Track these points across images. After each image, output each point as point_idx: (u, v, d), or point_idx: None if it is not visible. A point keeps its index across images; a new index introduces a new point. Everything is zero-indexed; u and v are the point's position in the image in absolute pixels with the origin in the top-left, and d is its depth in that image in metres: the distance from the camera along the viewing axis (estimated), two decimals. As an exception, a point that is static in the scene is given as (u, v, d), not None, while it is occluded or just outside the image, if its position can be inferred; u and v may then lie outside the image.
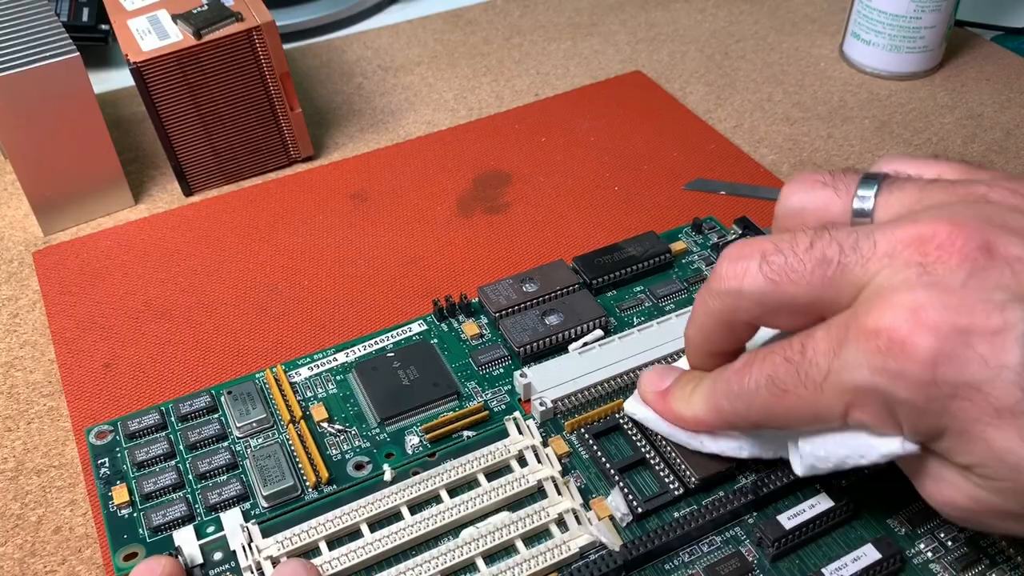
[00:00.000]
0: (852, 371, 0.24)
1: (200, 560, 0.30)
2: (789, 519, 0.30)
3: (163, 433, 0.34)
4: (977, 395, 0.23)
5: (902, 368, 0.23)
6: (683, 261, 0.41)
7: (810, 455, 0.28)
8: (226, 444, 0.34)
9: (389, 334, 0.38)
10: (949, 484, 0.25)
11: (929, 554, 0.30)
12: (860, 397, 0.25)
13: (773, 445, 0.31)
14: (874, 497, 0.32)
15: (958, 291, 0.23)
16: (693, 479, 0.31)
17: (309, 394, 0.36)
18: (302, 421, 0.34)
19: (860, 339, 0.24)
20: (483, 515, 0.31)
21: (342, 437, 0.34)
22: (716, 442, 0.31)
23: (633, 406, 0.33)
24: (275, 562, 0.29)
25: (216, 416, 0.35)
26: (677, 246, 0.42)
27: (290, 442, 0.34)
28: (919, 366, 0.23)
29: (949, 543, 0.30)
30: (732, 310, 0.28)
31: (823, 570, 0.29)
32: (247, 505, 0.32)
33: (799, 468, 0.29)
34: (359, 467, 0.33)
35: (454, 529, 0.31)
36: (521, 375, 0.35)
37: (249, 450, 0.34)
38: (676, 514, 0.31)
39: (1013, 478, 0.23)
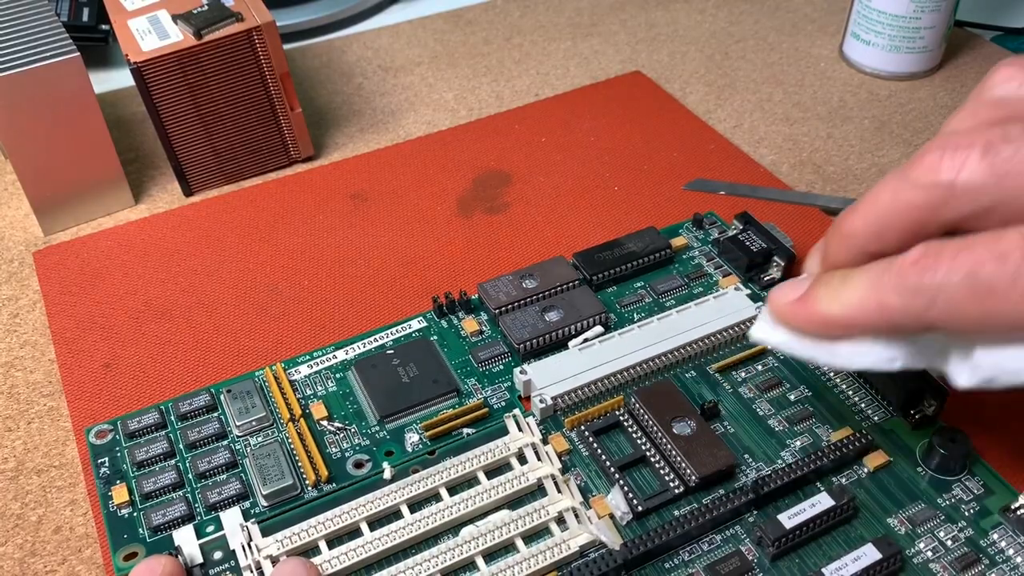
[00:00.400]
0: None
1: (200, 559, 0.30)
2: (789, 518, 0.30)
3: (163, 432, 0.34)
4: None
5: None
6: (684, 257, 0.41)
7: (992, 366, 0.24)
8: (226, 443, 0.34)
9: (388, 331, 0.38)
10: None
11: (929, 554, 0.30)
12: None
13: (932, 352, 0.26)
14: (874, 496, 0.32)
15: None
16: (693, 477, 0.31)
17: (309, 392, 0.36)
18: (301, 419, 0.34)
19: None
20: (483, 513, 0.31)
21: (342, 435, 0.34)
22: (861, 353, 0.27)
23: (760, 330, 0.28)
24: (275, 561, 0.29)
25: (216, 415, 0.35)
26: (678, 241, 0.42)
27: (290, 440, 0.34)
28: None
29: (949, 543, 0.30)
30: (937, 206, 0.24)
31: (823, 569, 0.29)
32: (247, 504, 0.32)
33: (969, 379, 0.25)
34: (359, 465, 0.33)
35: (454, 527, 0.31)
36: (521, 372, 0.35)
37: (249, 449, 0.34)
38: (676, 512, 0.31)
39: None
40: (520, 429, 0.33)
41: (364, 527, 0.31)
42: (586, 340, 0.36)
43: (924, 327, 0.25)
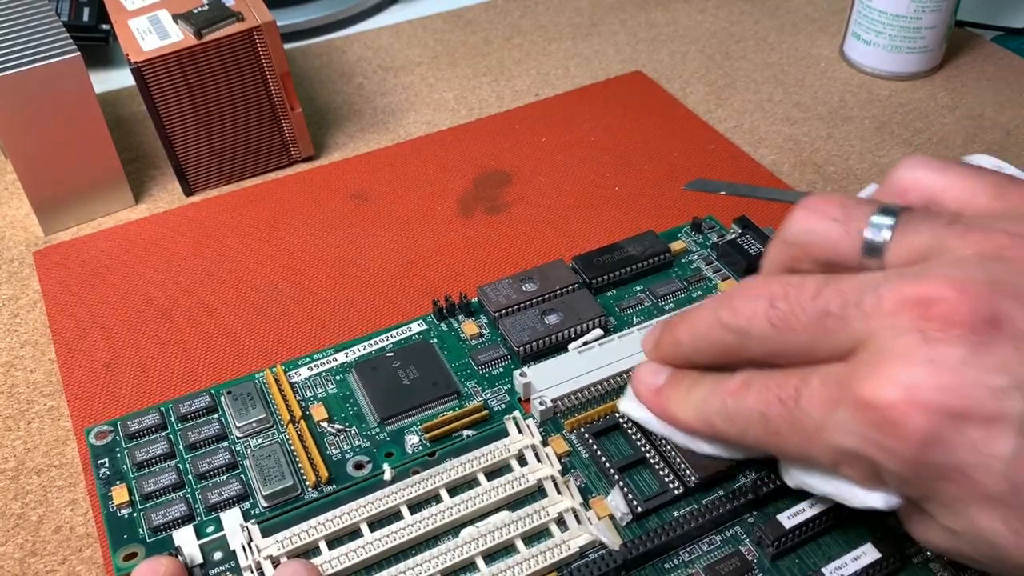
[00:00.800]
0: (843, 435, 0.24)
1: (200, 560, 0.30)
2: (789, 518, 0.30)
3: (163, 433, 0.34)
4: (964, 479, 0.23)
5: (892, 445, 0.23)
6: (683, 260, 0.41)
7: (799, 479, 0.28)
8: (226, 444, 0.34)
9: (389, 334, 0.38)
10: (932, 531, 0.25)
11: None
12: (848, 459, 0.25)
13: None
14: (874, 497, 0.32)
15: (957, 369, 0.23)
16: (693, 478, 0.31)
17: (309, 394, 0.36)
18: (302, 421, 0.34)
19: (853, 407, 0.24)
20: (483, 514, 0.31)
21: (342, 437, 0.34)
22: (712, 445, 0.31)
23: (627, 405, 0.32)
24: (275, 562, 0.29)
25: (216, 416, 0.35)
26: (676, 245, 0.42)
27: (290, 442, 0.34)
28: (909, 446, 0.23)
29: (949, 543, 0.30)
30: (737, 347, 0.27)
31: (823, 569, 0.29)
32: (247, 505, 0.32)
33: (789, 482, 0.29)
34: (359, 467, 0.33)
35: (454, 528, 0.31)
36: (521, 374, 0.35)
37: (249, 450, 0.34)
38: (676, 513, 0.31)
39: (992, 554, 0.24)
40: (520, 431, 0.33)
41: (364, 528, 0.31)
42: (586, 343, 0.36)
43: (747, 447, 0.29)
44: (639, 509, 0.31)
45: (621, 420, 0.34)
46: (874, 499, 0.26)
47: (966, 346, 0.23)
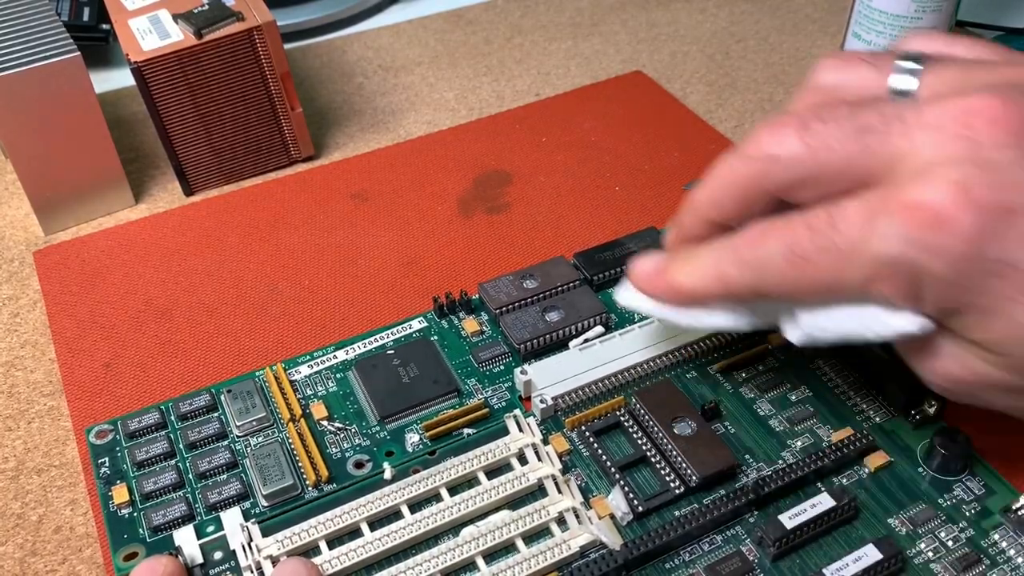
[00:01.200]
0: (886, 242, 0.24)
1: (200, 560, 0.30)
2: (790, 518, 0.30)
3: (163, 432, 0.34)
4: (1014, 273, 0.23)
5: (943, 243, 0.23)
6: (684, 260, 0.41)
7: (811, 325, 0.28)
8: (226, 443, 0.34)
9: (389, 331, 0.38)
10: (951, 358, 0.26)
11: (930, 554, 0.30)
12: (888, 269, 0.25)
13: (771, 314, 0.30)
14: (875, 496, 0.32)
15: (1008, 169, 0.23)
16: (694, 477, 0.31)
17: (309, 392, 0.36)
18: (302, 419, 0.34)
19: (900, 211, 0.24)
20: (483, 513, 0.31)
21: (342, 435, 0.34)
22: (712, 316, 0.30)
23: (624, 295, 0.32)
24: (275, 561, 0.29)
25: (216, 415, 0.35)
26: (678, 245, 0.41)
27: (290, 441, 0.34)
28: (961, 242, 0.23)
29: (950, 543, 0.30)
30: (761, 176, 0.27)
31: (824, 570, 0.29)
32: (247, 504, 0.32)
33: (794, 337, 0.29)
34: (359, 465, 0.33)
35: (454, 528, 0.31)
36: (522, 372, 0.35)
37: (249, 449, 0.34)
38: (677, 513, 0.31)
39: None
40: (520, 429, 0.33)
41: (364, 527, 0.31)
42: (587, 340, 0.36)
43: (759, 295, 0.28)
44: (640, 508, 0.31)
45: (622, 418, 0.34)
46: (905, 322, 0.25)
47: (1015, 148, 0.23)
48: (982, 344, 0.25)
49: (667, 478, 0.32)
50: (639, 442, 0.33)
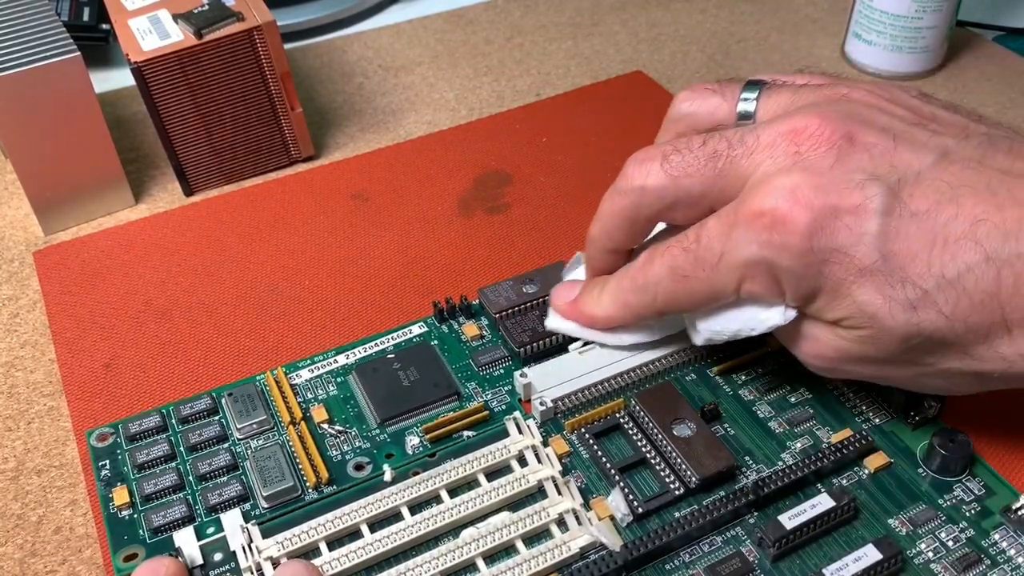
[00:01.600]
0: (743, 248, 0.29)
1: (200, 561, 0.30)
2: (790, 519, 0.30)
3: (164, 435, 0.34)
4: (844, 258, 0.28)
5: (784, 240, 0.28)
6: (684, 261, 0.41)
7: (706, 329, 0.32)
8: (226, 445, 0.34)
9: (389, 336, 0.38)
10: (818, 340, 0.30)
11: (930, 554, 0.30)
12: (750, 270, 0.29)
13: (677, 324, 0.35)
14: (875, 497, 0.32)
15: (827, 173, 0.28)
16: (694, 479, 0.31)
17: (309, 396, 0.36)
18: (302, 422, 0.34)
19: (748, 220, 0.28)
20: (483, 515, 0.31)
21: (342, 438, 0.34)
22: (630, 334, 0.35)
23: (552, 321, 0.36)
24: (275, 563, 0.29)
25: (217, 418, 0.35)
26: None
27: (290, 443, 0.34)
28: (798, 237, 0.28)
29: (950, 543, 0.30)
30: (636, 206, 0.32)
31: (824, 570, 0.29)
32: (247, 506, 0.32)
33: (697, 341, 0.33)
34: (359, 468, 0.33)
35: (454, 529, 0.31)
36: (521, 375, 0.35)
37: (249, 451, 0.34)
38: (677, 514, 0.31)
39: (870, 325, 0.28)
40: (520, 432, 0.33)
41: (365, 529, 0.31)
42: (586, 344, 0.36)
43: (659, 313, 0.33)
44: (640, 510, 0.31)
45: (622, 420, 0.34)
46: (774, 315, 0.30)
47: (832, 156, 0.28)
48: (836, 323, 0.29)
49: (667, 479, 0.32)
50: (639, 444, 0.33)
